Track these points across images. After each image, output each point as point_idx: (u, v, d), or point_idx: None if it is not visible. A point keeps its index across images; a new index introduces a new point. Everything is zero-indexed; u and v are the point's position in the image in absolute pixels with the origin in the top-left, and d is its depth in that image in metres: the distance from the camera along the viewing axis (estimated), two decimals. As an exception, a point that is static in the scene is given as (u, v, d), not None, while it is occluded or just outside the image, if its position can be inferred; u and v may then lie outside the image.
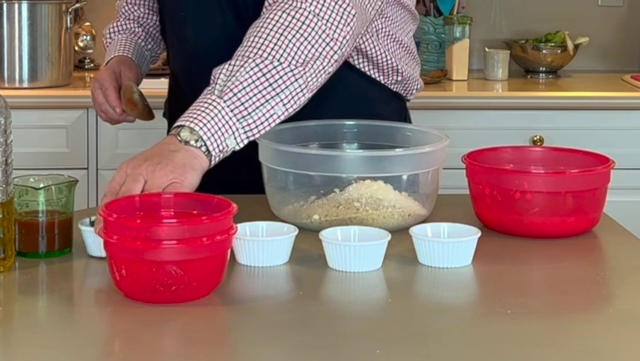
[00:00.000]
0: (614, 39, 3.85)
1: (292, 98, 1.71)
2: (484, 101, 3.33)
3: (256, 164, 1.81)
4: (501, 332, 1.36)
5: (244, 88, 1.68)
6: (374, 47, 1.97)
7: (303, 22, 1.74)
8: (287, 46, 1.72)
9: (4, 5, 3.20)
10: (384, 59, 1.98)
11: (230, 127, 1.66)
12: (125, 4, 2.22)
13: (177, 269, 1.40)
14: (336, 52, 1.76)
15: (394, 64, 2.00)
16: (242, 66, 1.70)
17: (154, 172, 1.58)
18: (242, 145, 1.68)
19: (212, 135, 1.65)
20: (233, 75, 1.69)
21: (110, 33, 2.22)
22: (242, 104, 1.67)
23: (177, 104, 2.01)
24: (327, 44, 1.75)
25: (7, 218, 1.53)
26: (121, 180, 1.59)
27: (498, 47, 3.65)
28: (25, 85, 3.24)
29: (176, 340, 1.34)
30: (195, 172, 1.62)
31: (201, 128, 1.64)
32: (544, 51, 3.64)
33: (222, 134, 1.66)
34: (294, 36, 1.73)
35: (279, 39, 1.72)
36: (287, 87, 1.70)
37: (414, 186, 1.75)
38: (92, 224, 1.60)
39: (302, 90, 1.72)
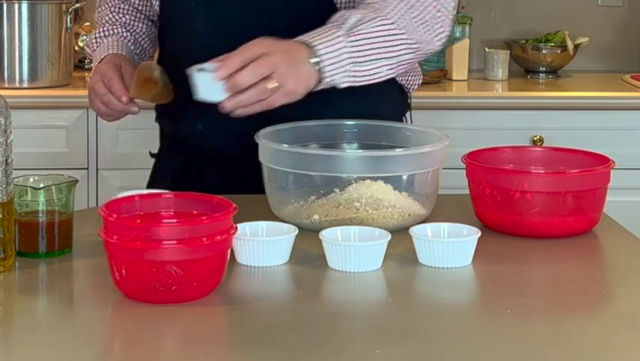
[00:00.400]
0: (614, 39, 3.85)
1: (397, 66, 1.84)
2: (484, 101, 3.33)
3: (256, 164, 1.81)
4: (501, 332, 1.36)
5: (368, 38, 1.78)
6: None
7: (425, 8, 1.84)
8: (410, 21, 1.83)
9: (4, 5, 3.20)
10: None
11: (344, 66, 1.76)
12: (109, 12, 2.16)
13: (177, 269, 1.40)
14: (435, 47, 1.88)
15: None
16: (371, 20, 1.79)
17: (288, 68, 1.69)
18: (343, 86, 1.78)
19: (329, 65, 1.75)
20: (364, 23, 1.79)
21: (96, 38, 2.15)
22: (360, 51, 1.77)
23: (174, 105, 2.00)
24: (435, 37, 1.87)
25: (7, 218, 1.53)
26: (257, 52, 1.68)
27: (498, 47, 3.65)
28: (25, 85, 3.24)
29: (176, 340, 1.34)
30: (306, 91, 1.73)
31: (325, 54, 1.74)
32: (544, 51, 3.64)
33: (336, 68, 1.75)
34: (416, 16, 1.83)
35: (406, 12, 1.82)
36: (398, 55, 1.82)
37: (414, 186, 1.75)
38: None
39: (405, 64, 1.85)
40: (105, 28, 2.15)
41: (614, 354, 1.31)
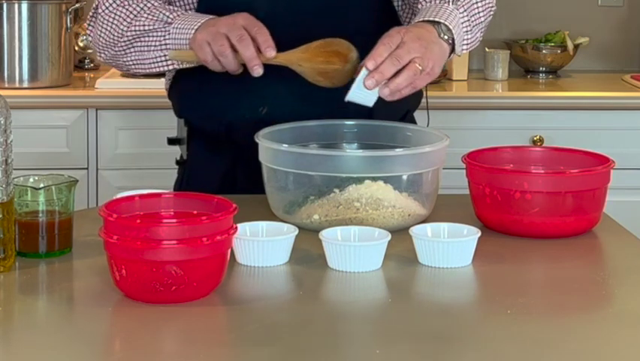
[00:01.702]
0: (614, 39, 3.85)
1: (484, 28, 1.98)
2: (484, 101, 3.33)
3: (256, 164, 1.81)
4: (501, 332, 1.36)
5: (468, 8, 1.93)
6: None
7: None
8: None
9: (4, 5, 3.20)
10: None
11: (462, 35, 1.90)
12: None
13: (177, 269, 1.40)
14: (495, 6, 2.03)
15: None
16: None
17: (425, 53, 1.79)
18: (460, 54, 1.92)
19: (457, 37, 1.87)
20: None
21: (170, 13, 1.92)
22: (468, 20, 1.92)
23: (224, 93, 1.94)
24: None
25: (7, 218, 1.53)
26: (394, 43, 1.77)
27: (498, 47, 3.64)
28: (25, 85, 3.24)
29: (176, 340, 1.34)
30: (442, 65, 1.86)
31: (453, 28, 1.86)
32: (544, 51, 3.64)
33: (459, 38, 1.89)
34: None
35: None
36: (486, 19, 1.98)
37: (414, 186, 1.75)
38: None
39: (487, 26, 2.00)
40: (165, 9, 1.95)
41: (614, 354, 1.31)
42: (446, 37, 1.84)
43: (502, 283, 1.55)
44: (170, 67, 1.94)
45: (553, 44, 3.64)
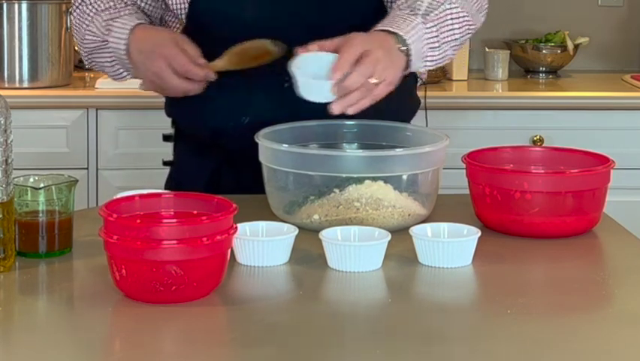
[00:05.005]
0: (614, 39, 3.85)
1: (458, 47, 1.88)
2: (484, 101, 3.33)
3: (256, 164, 1.81)
4: (501, 332, 1.36)
5: (440, 23, 1.83)
6: None
7: None
8: (469, 2, 1.89)
9: (4, 5, 3.20)
10: None
11: (424, 52, 1.81)
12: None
13: (177, 269, 1.40)
14: (480, 23, 1.93)
15: None
16: (441, 4, 1.85)
17: (386, 60, 1.72)
18: (422, 70, 1.89)
19: (414, 53, 1.79)
20: (436, 9, 1.84)
21: (106, 21, 1.95)
22: (435, 36, 1.82)
23: (207, 100, 1.94)
24: (481, 13, 1.93)
25: (7, 218, 1.53)
26: (355, 55, 1.69)
27: (498, 47, 3.65)
28: (25, 85, 3.24)
29: (176, 340, 1.34)
30: (400, 75, 1.77)
31: (412, 43, 1.78)
32: (544, 51, 3.64)
33: (419, 55, 1.80)
34: None
35: None
36: (462, 37, 1.87)
37: (414, 186, 1.75)
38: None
39: (463, 44, 1.89)
40: (111, 11, 1.98)
41: (614, 354, 1.31)
42: (404, 48, 1.77)
43: (502, 283, 1.55)
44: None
45: (553, 44, 3.64)
